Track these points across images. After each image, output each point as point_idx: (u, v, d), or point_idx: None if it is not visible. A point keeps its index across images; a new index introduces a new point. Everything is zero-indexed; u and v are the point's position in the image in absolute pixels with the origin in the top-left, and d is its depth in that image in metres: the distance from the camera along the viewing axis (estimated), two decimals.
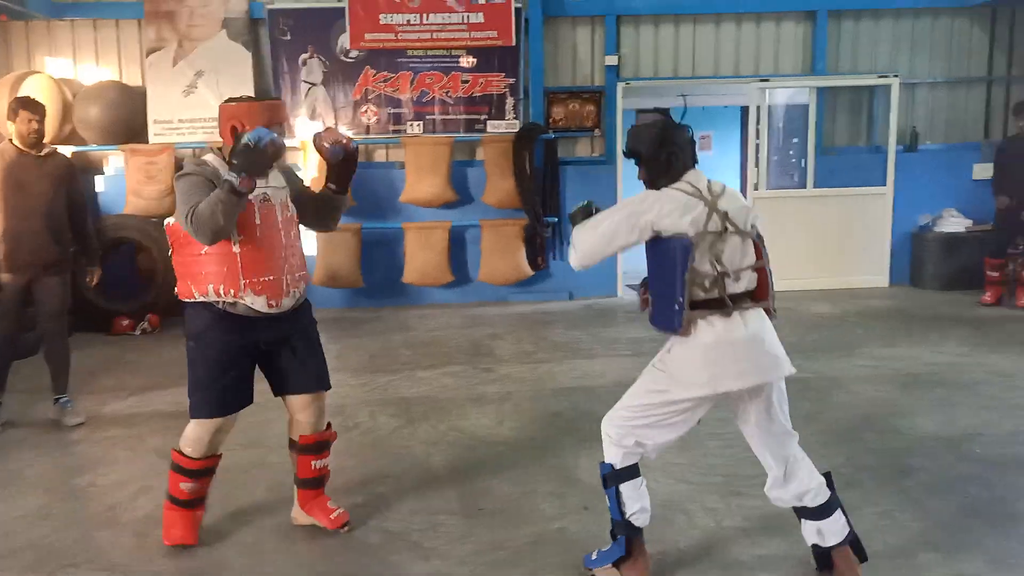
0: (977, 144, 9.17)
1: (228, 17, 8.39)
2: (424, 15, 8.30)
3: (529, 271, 8.65)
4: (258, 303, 3.21)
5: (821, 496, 2.97)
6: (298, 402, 3.48)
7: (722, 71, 8.93)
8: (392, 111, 8.58)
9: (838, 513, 2.99)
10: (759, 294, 3.00)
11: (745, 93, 9.14)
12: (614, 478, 3.01)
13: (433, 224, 8.54)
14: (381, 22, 8.29)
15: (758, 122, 8.86)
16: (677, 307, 2.83)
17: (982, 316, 7.54)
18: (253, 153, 2.97)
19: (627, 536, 3.02)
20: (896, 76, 8.82)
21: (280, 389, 3.48)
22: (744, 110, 10.81)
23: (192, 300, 3.26)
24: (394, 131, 8.61)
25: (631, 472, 3.01)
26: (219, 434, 3.35)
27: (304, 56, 8.46)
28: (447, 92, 8.53)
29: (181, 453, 3.36)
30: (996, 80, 9.16)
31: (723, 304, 2.88)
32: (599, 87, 8.78)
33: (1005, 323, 7.21)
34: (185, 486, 3.38)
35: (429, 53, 8.46)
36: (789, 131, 9.75)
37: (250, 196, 3.09)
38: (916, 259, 9.08)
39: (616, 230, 2.89)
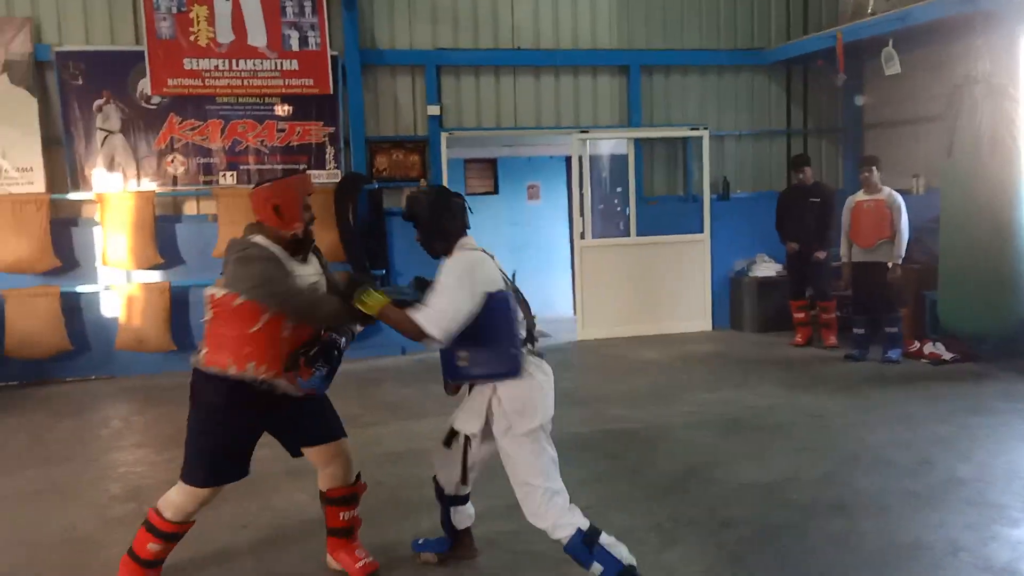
0: (780, 192, 9.76)
1: (10, 60, 7.58)
2: (233, 61, 7.86)
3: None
4: (291, 388, 3.26)
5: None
6: (325, 452, 3.52)
7: (544, 122, 9.05)
8: (201, 161, 8.03)
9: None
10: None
11: (567, 143, 9.30)
12: (591, 538, 3.06)
13: None
14: (186, 67, 7.78)
15: (580, 172, 9.03)
16: (514, 351, 3.12)
17: (794, 357, 7.90)
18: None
19: None
20: (706, 128, 9.28)
21: (299, 448, 3.52)
22: (569, 160, 11.04)
23: (218, 373, 3.19)
24: (205, 182, 8.05)
25: (594, 527, 3.11)
26: (205, 502, 3.35)
27: (99, 102, 7.78)
28: (262, 141, 8.10)
29: (160, 515, 3.33)
30: (794, 132, 9.83)
31: (532, 341, 3.25)
32: (423, 137, 8.64)
33: (814, 364, 7.58)
34: (153, 547, 3.36)
35: (240, 100, 8.01)
36: (614, 181, 10.03)
37: (303, 283, 3.27)
38: (735, 303, 9.49)
39: (460, 306, 3.05)
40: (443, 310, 3.03)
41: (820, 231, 8.16)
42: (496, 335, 3.11)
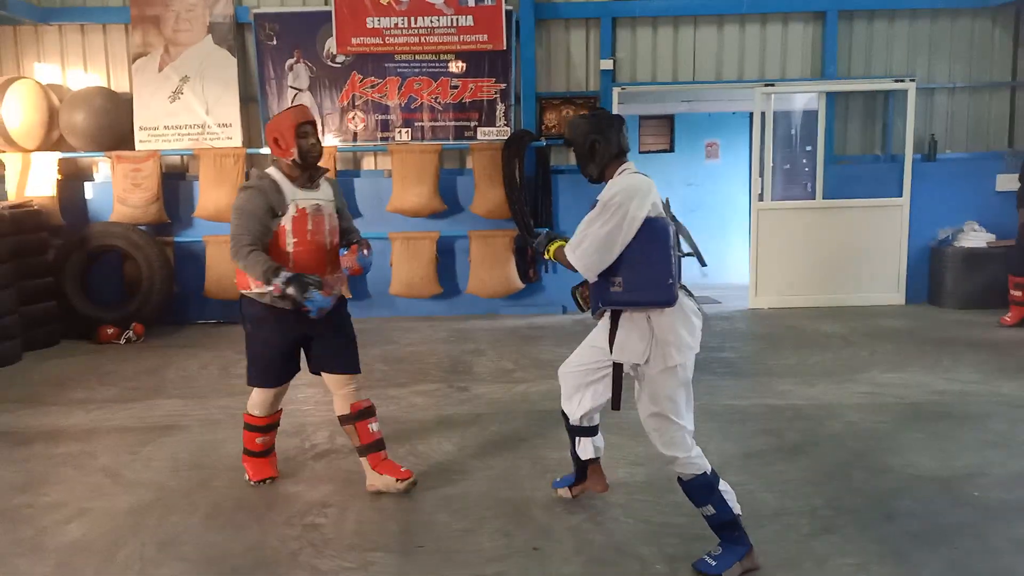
0: (1001, 153, 8.65)
1: (214, 22, 8.17)
2: (412, 18, 8.01)
3: (519, 284, 8.30)
4: (298, 305, 3.67)
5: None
6: (333, 381, 3.97)
7: (725, 75, 8.52)
8: (380, 117, 8.29)
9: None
10: None
11: (751, 98, 8.72)
12: (712, 483, 3.09)
13: (420, 234, 8.22)
14: (368, 26, 8.01)
15: (762, 129, 8.44)
16: (671, 281, 3.01)
17: (1001, 339, 7.02)
18: (298, 297, 3.56)
19: (743, 531, 3.11)
20: (913, 80, 8.35)
21: (317, 370, 4.01)
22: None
23: (245, 293, 3.77)
24: (382, 138, 8.32)
25: (715, 472, 3.15)
26: (277, 398, 4.01)
27: (290, 61, 8.22)
28: (436, 98, 8.23)
29: (251, 415, 4.02)
30: (1021, 85, 8.62)
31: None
32: (594, 92, 8.42)
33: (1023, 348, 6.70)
34: (259, 439, 4.07)
35: (417, 58, 8.16)
36: (804, 139, 9.30)
37: (305, 207, 3.75)
38: (934, 275, 8.57)
39: (604, 236, 3.01)
40: (581, 241, 3.06)
41: None
42: (653, 262, 3.01)
